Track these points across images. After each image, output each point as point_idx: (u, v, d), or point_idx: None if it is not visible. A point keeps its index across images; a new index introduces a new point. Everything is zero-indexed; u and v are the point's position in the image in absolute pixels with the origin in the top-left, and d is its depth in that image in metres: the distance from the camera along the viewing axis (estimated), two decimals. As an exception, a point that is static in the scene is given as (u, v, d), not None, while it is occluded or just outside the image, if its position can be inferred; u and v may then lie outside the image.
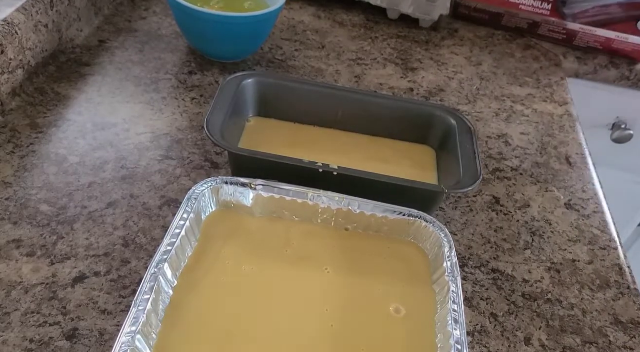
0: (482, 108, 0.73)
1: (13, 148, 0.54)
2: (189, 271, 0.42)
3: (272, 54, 0.75)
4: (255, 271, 0.43)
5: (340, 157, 0.55)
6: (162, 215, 0.51)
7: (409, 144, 0.60)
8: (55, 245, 0.47)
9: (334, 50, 0.79)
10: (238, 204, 0.47)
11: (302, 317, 0.41)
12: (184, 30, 0.70)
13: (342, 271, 0.45)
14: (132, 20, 0.76)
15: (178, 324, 0.39)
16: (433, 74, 0.78)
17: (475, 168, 0.51)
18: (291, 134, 0.59)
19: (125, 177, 0.54)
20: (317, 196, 0.47)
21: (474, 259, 0.53)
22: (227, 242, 0.45)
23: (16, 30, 0.57)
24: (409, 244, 0.47)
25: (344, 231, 0.48)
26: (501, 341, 0.47)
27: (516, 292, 0.51)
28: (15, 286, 0.43)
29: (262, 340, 0.39)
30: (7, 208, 0.49)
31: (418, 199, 0.50)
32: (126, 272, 0.46)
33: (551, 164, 0.66)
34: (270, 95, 0.59)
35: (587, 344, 0.48)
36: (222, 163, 0.57)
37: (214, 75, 0.69)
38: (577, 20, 0.88)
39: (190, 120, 0.62)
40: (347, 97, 0.59)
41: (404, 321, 0.42)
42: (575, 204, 0.61)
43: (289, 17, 0.84)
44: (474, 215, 0.58)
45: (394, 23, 0.88)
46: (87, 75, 0.66)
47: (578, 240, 0.57)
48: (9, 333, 0.40)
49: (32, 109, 0.59)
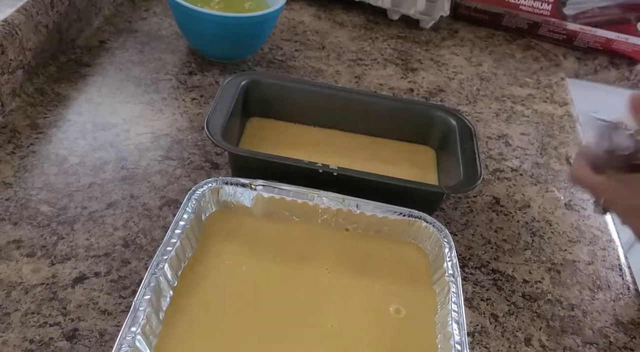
0: (482, 108, 0.73)
1: (13, 148, 0.54)
2: (189, 271, 0.42)
3: (272, 54, 0.75)
4: (255, 271, 0.43)
5: (340, 157, 0.55)
6: (162, 215, 0.51)
7: (409, 144, 0.60)
8: (56, 245, 0.47)
9: (334, 51, 0.79)
10: (238, 204, 0.47)
11: (302, 317, 0.41)
12: (184, 31, 0.70)
13: (342, 271, 0.45)
14: (132, 21, 0.77)
15: (178, 324, 0.39)
16: (433, 74, 0.78)
17: (475, 168, 0.51)
18: (291, 134, 0.59)
19: (126, 178, 0.54)
20: (317, 196, 0.47)
21: (474, 259, 0.53)
22: (227, 243, 0.45)
23: (16, 31, 0.57)
24: (409, 244, 0.47)
25: (344, 231, 0.48)
26: (501, 342, 0.47)
27: (516, 292, 0.51)
28: (15, 286, 0.43)
29: (262, 340, 0.39)
30: (7, 208, 0.49)
31: (418, 199, 0.50)
32: (126, 273, 0.46)
33: (551, 165, 0.66)
34: (270, 96, 0.59)
35: (587, 344, 0.48)
36: (222, 163, 0.57)
37: (214, 76, 0.69)
38: (577, 21, 0.88)
39: (191, 120, 0.62)
40: (347, 98, 0.59)
41: (404, 321, 0.42)
42: (575, 204, 0.61)
43: (289, 17, 0.84)
44: (474, 215, 0.58)
45: (394, 23, 0.88)
46: (87, 75, 0.66)
47: (578, 240, 0.57)
48: (9, 333, 0.40)
49: (32, 110, 0.59)
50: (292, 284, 0.43)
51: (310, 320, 0.41)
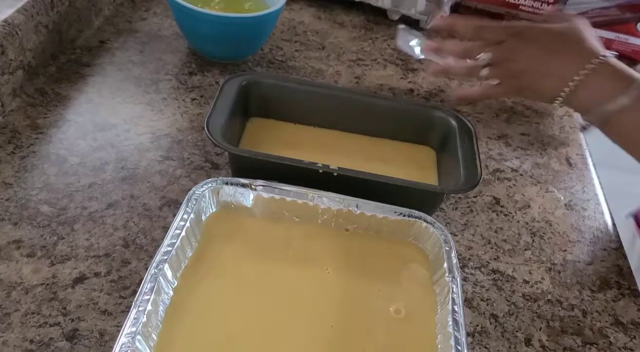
0: (482, 109, 0.73)
1: (13, 149, 0.54)
2: (189, 271, 0.42)
3: (272, 54, 0.75)
4: (256, 272, 0.43)
5: (340, 157, 0.55)
6: (162, 215, 0.51)
7: (409, 144, 0.60)
8: (56, 245, 0.47)
9: (334, 51, 0.79)
10: (238, 204, 0.47)
11: (302, 317, 0.41)
12: (184, 31, 0.70)
13: (343, 271, 0.45)
14: (132, 21, 0.77)
15: (178, 324, 0.39)
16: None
17: (475, 169, 0.51)
18: (291, 134, 0.59)
19: (126, 178, 0.54)
20: (317, 197, 0.47)
21: (474, 259, 0.53)
22: (227, 243, 0.45)
23: (16, 31, 0.57)
24: (409, 244, 0.47)
25: (344, 231, 0.48)
26: (501, 342, 0.47)
27: (516, 292, 0.51)
28: (16, 286, 0.43)
29: (263, 341, 0.39)
30: (8, 209, 0.49)
31: (418, 199, 0.50)
32: (126, 273, 0.46)
33: (551, 165, 0.66)
34: (271, 96, 0.59)
35: (588, 344, 0.48)
36: (223, 164, 0.57)
37: (214, 76, 0.69)
38: (577, 21, 0.88)
39: (191, 120, 0.62)
40: (347, 98, 0.59)
41: (404, 321, 0.42)
42: (575, 204, 0.61)
43: (289, 17, 0.84)
44: (474, 216, 0.58)
45: (394, 24, 0.88)
46: (87, 75, 0.66)
47: (578, 241, 0.57)
48: (9, 334, 0.40)
49: (32, 110, 0.59)
50: (292, 284, 0.43)
51: (310, 320, 0.41)
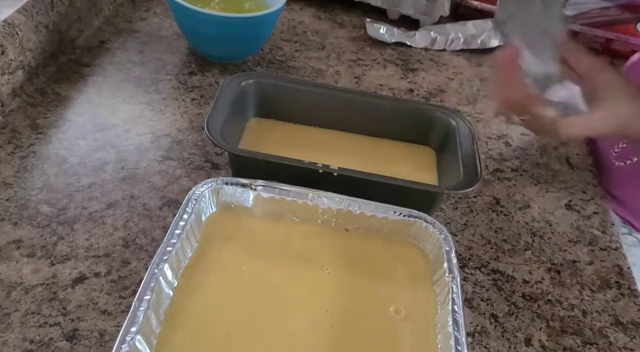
0: (482, 109, 0.73)
1: (13, 149, 0.54)
2: (189, 271, 0.42)
3: (272, 54, 0.75)
4: (256, 272, 0.43)
5: (340, 157, 0.55)
6: (162, 216, 0.51)
7: (409, 144, 0.60)
8: (56, 245, 0.47)
9: (334, 51, 0.79)
10: (238, 204, 0.47)
11: (302, 317, 0.41)
12: (185, 31, 0.70)
13: (343, 271, 0.45)
14: (132, 21, 0.77)
15: (178, 324, 0.39)
16: (433, 74, 0.78)
17: (475, 169, 0.51)
18: (291, 134, 0.59)
19: (126, 178, 0.54)
20: (317, 197, 0.47)
21: (474, 259, 0.53)
22: (227, 243, 0.45)
23: (16, 31, 0.57)
24: (409, 244, 0.47)
25: (345, 231, 0.48)
26: (501, 342, 0.47)
27: (516, 292, 0.51)
28: (16, 286, 0.43)
29: (262, 341, 0.39)
30: (8, 209, 0.49)
31: (418, 199, 0.50)
32: (126, 273, 0.46)
33: (551, 165, 0.66)
34: (271, 96, 0.59)
35: (588, 344, 0.48)
36: (223, 164, 0.57)
37: (214, 76, 0.69)
38: (577, 22, 0.88)
39: (191, 120, 0.62)
40: (347, 98, 0.59)
41: (404, 321, 0.42)
42: (575, 204, 0.61)
43: (289, 17, 0.84)
44: (474, 216, 0.58)
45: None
46: (87, 75, 0.66)
47: (578, 241, 0.57)
48: (9, 334, 0.40)
49: (32, 110, 0.59)
50: (292, 284, 0.43)
51: (310, 320, 0.41)
